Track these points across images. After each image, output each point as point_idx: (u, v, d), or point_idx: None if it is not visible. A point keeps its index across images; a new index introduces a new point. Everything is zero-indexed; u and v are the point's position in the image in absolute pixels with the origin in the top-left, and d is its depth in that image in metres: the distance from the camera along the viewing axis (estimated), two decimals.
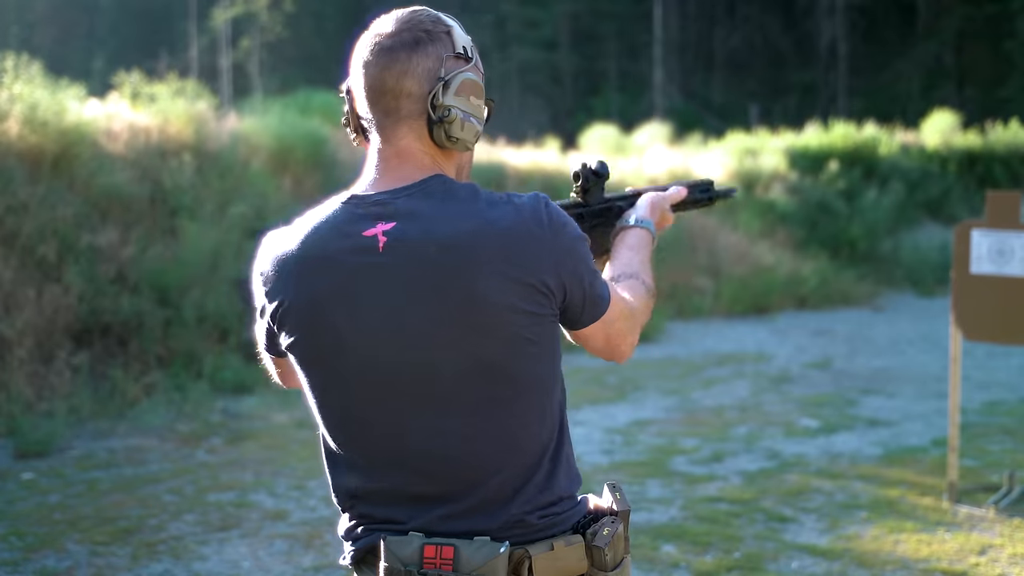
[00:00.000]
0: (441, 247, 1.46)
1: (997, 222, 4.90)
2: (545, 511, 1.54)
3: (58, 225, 7.34)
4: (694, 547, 4.38)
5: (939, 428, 6.44)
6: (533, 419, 1.55)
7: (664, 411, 7.11)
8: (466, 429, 1.51)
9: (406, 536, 1.49)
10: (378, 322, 1.49)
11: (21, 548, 4.39)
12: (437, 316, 1.47)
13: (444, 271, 1.46)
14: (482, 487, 1.52)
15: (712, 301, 11.77)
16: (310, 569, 4.19)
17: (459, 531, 1.51)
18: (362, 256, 1.49)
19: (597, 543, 1.55)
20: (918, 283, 13.95)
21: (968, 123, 20.42)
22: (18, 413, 6.24)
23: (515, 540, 1.51)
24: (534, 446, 1.55)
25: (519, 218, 1.48)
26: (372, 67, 1.54)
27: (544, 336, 1.52)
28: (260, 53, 35.17)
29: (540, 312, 1.50)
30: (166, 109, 9.20)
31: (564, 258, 1.51)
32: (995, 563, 4.18)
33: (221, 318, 7.65)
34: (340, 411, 1.57)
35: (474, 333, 1.47)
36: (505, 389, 1.51)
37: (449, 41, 1.56)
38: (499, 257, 1.46)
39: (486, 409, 1.51)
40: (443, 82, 1.52)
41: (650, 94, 33.51)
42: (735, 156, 15.49)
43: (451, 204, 1.50)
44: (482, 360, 1.49)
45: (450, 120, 1.52)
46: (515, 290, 1.47)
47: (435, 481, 1.52)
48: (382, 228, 1.49)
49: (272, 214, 8.91)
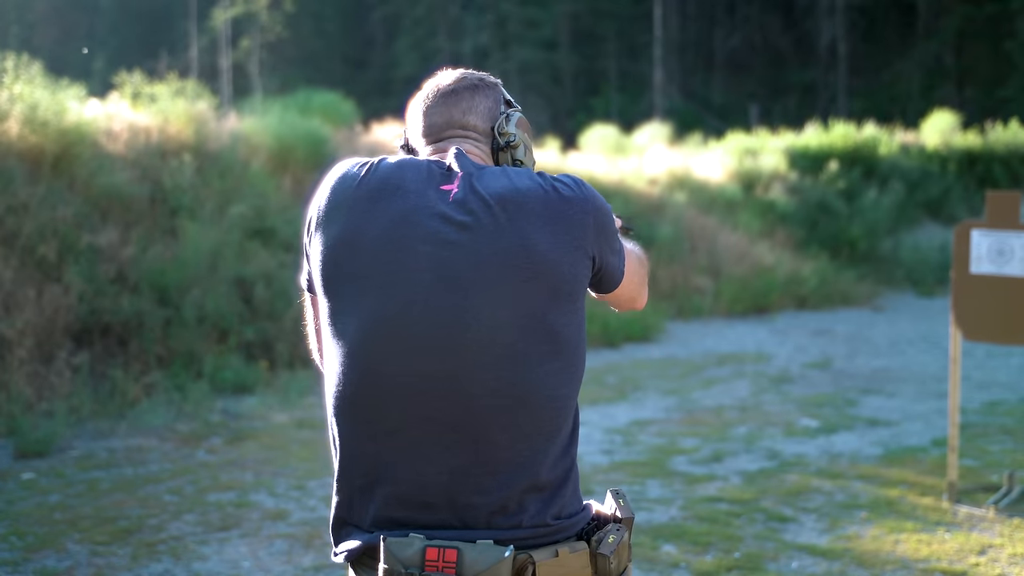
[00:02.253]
0: (501, 198, 1.55)
1: (997, 222, 4.90)
2: (556, 515, 1.53)
3: (58, 225, 7.34)
4: (694, 547, 4.38)
5: (939, 428, 6.44)
6: (558, 392, 1.55)
7: (664, 411, 7.11)
8: (493, 383, 1.50)
9: (407, 537, 1.47)
10: (425, 269, 1.52)
11: (21, 548, 4.39)
12: (487, 262, 1.51)
13: (501, 219, 1.53)
14: (490, 476, 1.50)
15: (712, 301, 11.77)
16: (310, 569, 4.19)
17: (464, 524, 1.49)
18: (435, 202, 1.56)
19: (602, 551, 1.54)
20: (918, 283, 13.95)
21: (968, 123, 20.43)
22: (18, 413, 6.24)
23: (519, 544, 1.49)
24: (550, 433, 1.54)
25: (573, 191, 1.60)
26: (435, 108, 1.71)
27: (581, 302, 1.60)
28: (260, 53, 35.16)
29: (583, 275, 1.58)
30: (166, 109, 9.20)
31: (603, 232, 1.62)
32: (995, 563, 4.18)
33: (221, 318, 7.65)
34: (356, 349, 1.55)
35: (521, 281, 1.51)
36: (543, 344, 1.53)
37: (500, 90, 1.77)
38: (554, 217, 1.55)
39: (519, 363, 1.51)
40: (505, 115, 1.72)
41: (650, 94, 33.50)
42: (735, 156, 15.49)
43: (512, 173, 1.61)
44: (521, 308, 1.51)
45: (515, 145, 1.71)
46: (565, 247, 1.55)
47: (448, 455, 1.50)
48: (454, 184, 1.58)
49: (272, 214, 8.92)
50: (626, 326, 9.88)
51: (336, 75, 32.88)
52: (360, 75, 36.54)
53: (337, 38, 39.26)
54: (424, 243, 1.53)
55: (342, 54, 38.69)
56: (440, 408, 1.51)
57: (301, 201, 9.54)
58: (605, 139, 15.94)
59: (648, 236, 12.04)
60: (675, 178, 14.03)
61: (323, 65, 36.20)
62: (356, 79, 34.25)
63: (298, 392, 7.21)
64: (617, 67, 35.68)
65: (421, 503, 1.52)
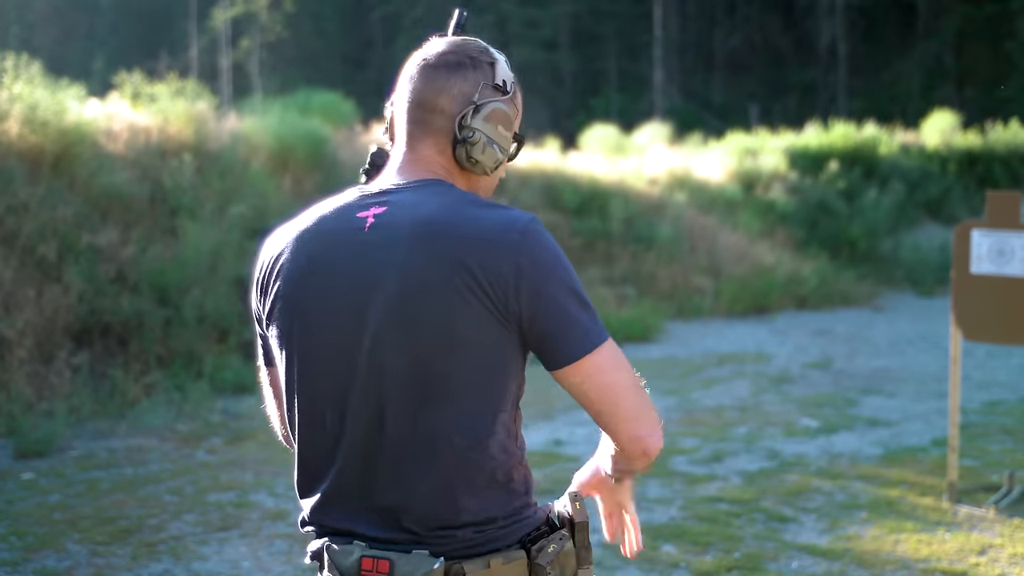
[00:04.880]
0: (414, 226, 1.50)
1: (997, 222, 4.90)
2: (482, 527, 1.51)
3: (58, 225, 7.34)
4: (694, 547, 4.38)
5: (939, 428, 6.44)
6: (466, 426, 1.50)
7: (664, 411, 7.11)
8: (403, 420, 1.51)
9: (349, 545, 1.52)
10: (341, 303, 1.52)
11: (21, 548, 4.39)
12: (393, 299, 1.49)
13: (407, 254, 1.49)
14: (421, 490, 1.50)
15: (712, 301, 11.77)
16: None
17: (397, 539, 1.51)
18: (350, 235, 1.54)
19: (539, 561, 1.52)
20: (918, 283, 13.94)
21: (968, 123, 20.42)
22: (18, 413, 6.24)
23: (451, 555, 1.49)
24: (470, 451, 1.51)
25: (497, 221, 1.49)
26: (415, 81, 1.62)
27: (494, 345, 1.49)
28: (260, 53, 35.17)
29: (491, 317, 1.47)
30: (166, 109, 9.20)
31: (536, 275, 1.47)
32: (995, 563, 4.18)
33: (221, 318, 7.65)
34: (289, 389, 1.60)
35: (420, 322, 1.47)
36: (442, 386, 1.49)
37: (491, 72, 1.62)
38: (464, 249, 1.47)
39: (424, 405, 1.49)
40: (474, 106, 1.60)
41: (650, 94, 33.50)
42: (735, 156, 15.49)
43: (444, 198, 1.54)
44: (420, 356, 1.48)
45: (473, 141, 1.59)
46: (469, 284, 1.46)
47: (375, 479, 1.53)
48: (374, 212, 1.55)
49: (272, 214, 8.91)
50: (626, 326, 9.87)
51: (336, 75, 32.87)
52: (360, 75, 36.53)
53: (337, 38, 39.26)
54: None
55: (342, 54, 38.69)
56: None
57: (301, 201, 9.54)
58: (605, 139, 15.94)
59: (648, 236, 12.04)
60: (675, 178, 14.03)
61: (323, 65, 36.19)
62: (356, 79, 34.23)
63: None
64: (617, 67, 35.68)
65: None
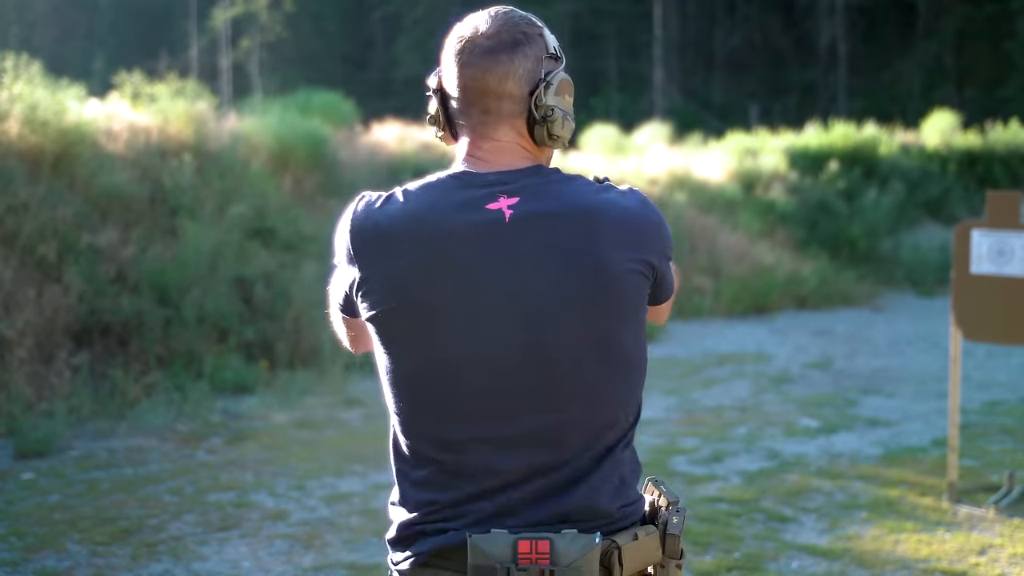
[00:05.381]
0: (568, 218, 1.50)
1: (997, 222, 4.90)
2: (625, 502, 1.58)
3: (58, 225, 7.34)
4: (694, 547, 4.38)
5: (939, 428, 6.44)
6: (633, 400, 1.58)
7: (664, 411, 7.11)
8: (569, 414, 1.52)
9: (491, 533, 1.47)
10: (499, 299, 1.49)
11: (21, 548, 4.39)
12: (564, 289, 1.49)
13: (573, 240, 1.50)
14: (567, 473, 1.53)
15: (712, 301, 11.77)
16: (310, 569, 4.19)
17: (543, 520, 1.51)
18: (488, 228, 1.50)
19: (672, 531, 1.58)
20: (918, 283, 13.94)
21: (968, 123, 20.42)
22: (18, 413, 6.24)
23: (604, 531, 1.53)
24: (621, 432, 1.58)
25: (635, 202, 1.58)
26: (472, 68, 1.55)
27: (644, 312, 1.59)
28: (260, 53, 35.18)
29: (645, 288, 1.57)
30: (166, 109, 9.20)
31: (666, 247, 1.62)
32: (995, 563, 4.18)
33: (221, 318, 7.65)
34: (433, 394, 1.52)
35: (599, 302, 1.50)
36: (619, 367, 1.54)
37: (543, 42, 1.59)
38: (623, 230, 1.53)
39: (596, 392, 1.53)
40: (545, 83, 1.56)
41: (650, 94, 33.50)
42: (735, 156, 15.48)
43: (568, 185, 1.56)
44: (601, 330, 1.51)
45: (552, 120, 1.56)
46: (635, 264, 1.54)
47: (522, 469, 1.51)
48: (506, 203, 1.51)
49: (272, 214, 8.92)
50: None
51: (336, 75, 32.87)
52: (360, 75, 36.53)
53: (337, 38, 39.25)
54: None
55: (342, 54, 38.69)
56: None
57: (301, 201, 9.54)
58: (605, 139, 15.94)
59: None
60: (675, 178, 14.02)
61: (323, 65, 36.19)
62: (356, 79, 34.24)
63: (298, 392, 7.21)
64: (617, 67, 35.68)
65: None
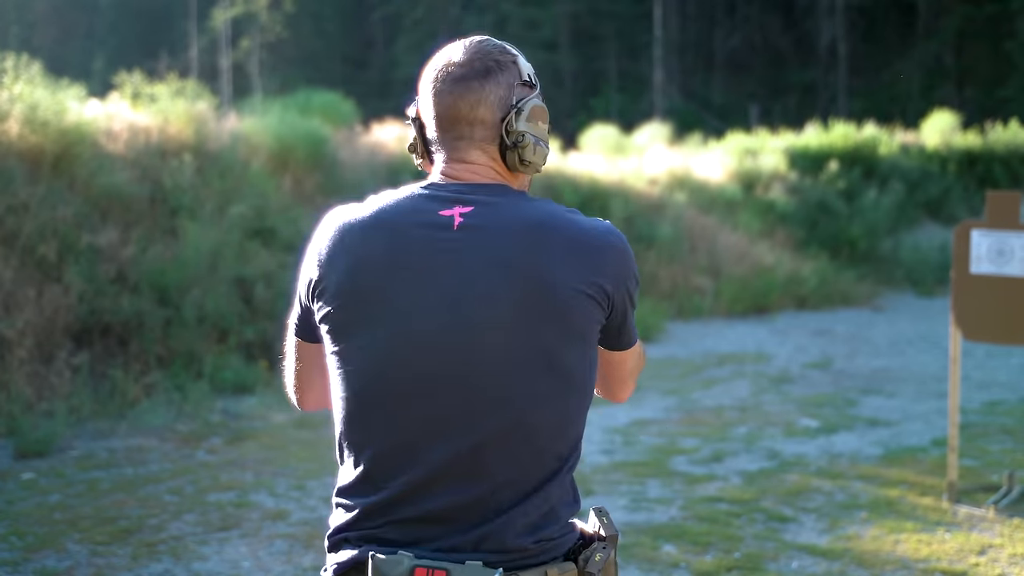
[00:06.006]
0: (517, 232, 1.50)
1: (997, 222, 4.90)
2: (542, 537, 1.52)
3: (58, 225, 7.34)
4: (694, 547, 4.38)
5: (939, 428, 6.44)
6: (570, 430, 1.54)
7: (664, 411, 7.11)
8: (492, 434, 1.48)
9: (395, 555, 1.46)
10: (435, 298, 1.49)
11: (21, 548, 4.39)
12: (503, 298, 1.47)
13: (518, 253, 1.49)
14: (488, 499, 1.49)
15: (712, 301, 11.77)
16: (310, 569, 4.19)
17: (458, 545, 1.47)
18: (434, 231, 1.51)
19: (590, 569, 1.53)
20: (918, 283, 13.94)
21: (968, 123, 20.42)
22: (18, 413, 6.24)
23: (508, 566, 1.48)
24: (556, 464, 1.53)
25: (599, 225, 1.56)
26: (444, 95, 1.58)
27: (593, 341, 1.55)
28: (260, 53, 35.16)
29: (596, 314, 1.53)
30: (166, 109, 9.20)
31: (626, 279, 1.57)
32: (995, 563, 4.18)
33: (221, 318, 7.65)
34: (366, 386, 1.52)
35: (539, 319, 1.48)
36: (556, 383, 1.50)
37: (516, 70, 1.61)
38: (575, 250, 1.51)
39: (527, 404, 1.49)
40: (516, 109, 1.58)
41: (650, 94, 33.49)
42: (735, 156, 15.49)
43: (530, 203, 1.56)
44: (539, 348, 1.48)
45: (523, 145, 1.58)
46: (584, 286, 1.50)
47: (446, 486, 1.49)
48: (460, 210, 1.53)
49: (272, 214, 8.92)
50: None
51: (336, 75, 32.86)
52: (360, 75, 36.52)
53: (337, 38, 39.25)
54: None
55: (342, 54, 38.68)
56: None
57: (301, 201, 9.54)
58: (605, 139, 15.94)
59: (648, 236, 12.04)
60: (675, 178, 14.02)
61: (323, 65, 36.18)
62: (356, 79, 34.23)
63: None
64: (617, 67, 35.67)
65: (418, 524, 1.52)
